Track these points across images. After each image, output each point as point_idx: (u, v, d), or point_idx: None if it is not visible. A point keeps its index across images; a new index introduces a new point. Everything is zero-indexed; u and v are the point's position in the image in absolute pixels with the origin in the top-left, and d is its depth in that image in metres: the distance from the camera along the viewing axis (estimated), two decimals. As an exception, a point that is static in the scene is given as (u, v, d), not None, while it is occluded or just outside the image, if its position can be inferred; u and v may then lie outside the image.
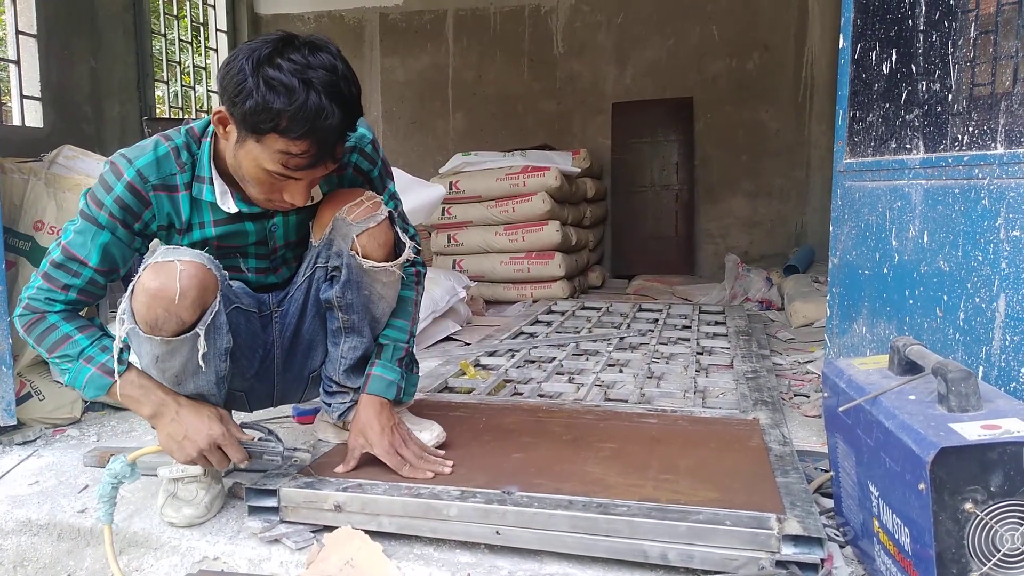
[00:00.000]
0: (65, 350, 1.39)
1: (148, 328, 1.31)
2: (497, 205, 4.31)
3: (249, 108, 1.21)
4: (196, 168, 1.40)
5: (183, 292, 1.28)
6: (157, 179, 1.38)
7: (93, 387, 1.39)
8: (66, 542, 1.49)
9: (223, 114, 1.28)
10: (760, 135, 5.66)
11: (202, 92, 6.22)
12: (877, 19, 1.72)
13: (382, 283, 1.50)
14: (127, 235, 1.40)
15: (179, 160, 1.39)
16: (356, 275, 1.47)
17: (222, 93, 1.27)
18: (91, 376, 1.38)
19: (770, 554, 1.17)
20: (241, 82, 1.21)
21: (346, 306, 1.50)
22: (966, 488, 0.95)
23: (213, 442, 1.38)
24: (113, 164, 1.39)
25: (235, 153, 1.31)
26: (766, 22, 5.54)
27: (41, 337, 1.40)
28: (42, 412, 2.09)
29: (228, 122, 1.29)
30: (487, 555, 1.31)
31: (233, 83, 1.23)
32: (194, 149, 1.41)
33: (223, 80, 1.25)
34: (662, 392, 2.17)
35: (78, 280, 1.39)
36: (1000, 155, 1.29)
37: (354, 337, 1.55)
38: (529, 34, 6.04)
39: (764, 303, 4.00)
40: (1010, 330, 1.26)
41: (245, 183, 1.35)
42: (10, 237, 2.21)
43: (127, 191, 1.37)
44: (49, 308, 1.39)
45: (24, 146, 3.89)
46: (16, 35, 4.27)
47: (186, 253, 1.33)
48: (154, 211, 1.40)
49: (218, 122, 1.31)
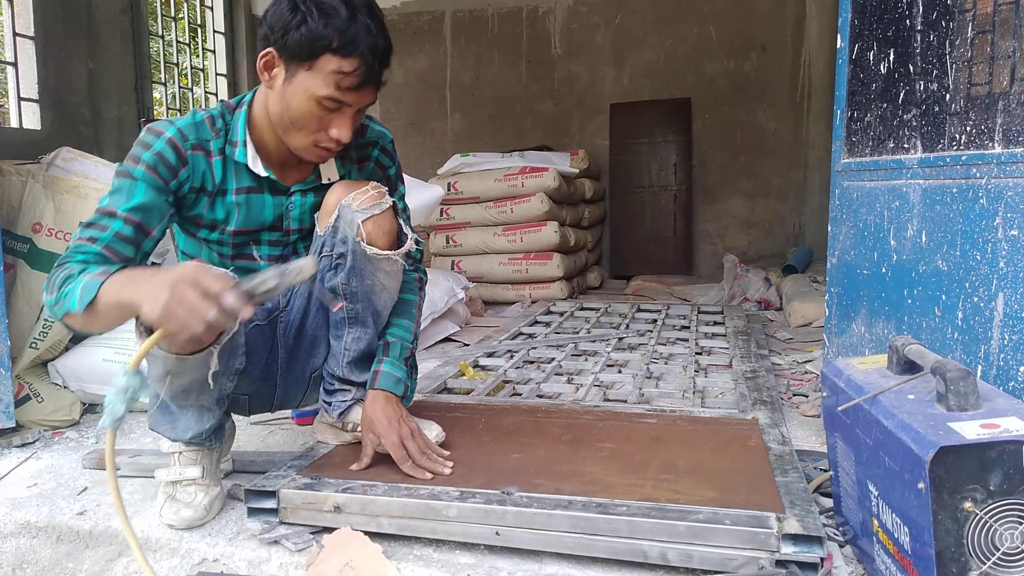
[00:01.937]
0: (68, 280, 1.28)
1: (165, 345, 1.30)
2: (495, 206, 4.32)
3: (302, 33, 1.27)
4: (230, 134, 1.45)
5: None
6: (195, 139, 1.42)
7: (88, 291, 1.22)
8: (65, 544, 1.49)
9: (270, 56, 1.33)
10: (758, 135, 5.66)
11: (200, 94, 6.22)
12: (875, 19, 1.72)
13: (385, 272, 1.51)
14: (161, 193, 1.38)
15: (214, 127, 1.44)
16: (360, 262, 1.48)
17: (269, 35, 1.32)
18: (86, 283, 1.23)
19: (770, 553, 1.17)
20: (291, 12, 1.28)
21: (350, 295, 1.50)
22: (965, 487, 0.95)
23: (194, 279, 1.13)
24: (151, 127, 1.41)
25: (283, 95, 1.35)
26: (763, 23, 5.55)
27: (54, 284, 1.29)
28: (41, 414, 2.09)
29: (275, 64, 1.34)
30: (487, 556, 1.31)
31: (282, 19, 1.29)
32: (228, 118, 1.46)
33: (270, 21, 1.31)
34: (661, 392, 2.17)
35: (105, 233, 1.33)
36: (998, 154, 1.29)
37: (357, 328, 1.55)
38: (527, 35, 6.05)
39: (762, 303, 4.00)
40: (1008, 329, 1.26)
41: (291, 131, 1.38)
42: (8, 239, 2.21)
43: (167, 146, 1.38)
44: (72, 258, 1.32)
45: (22, 148, 3.88)
46: (13, 37, 4.26)
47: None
48: (190, 171, 1.42)
49: (264, 67, 1.35)
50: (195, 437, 1.47)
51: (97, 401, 2.24)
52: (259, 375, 1.60)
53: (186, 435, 1.47)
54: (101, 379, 2.19)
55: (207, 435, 1.49)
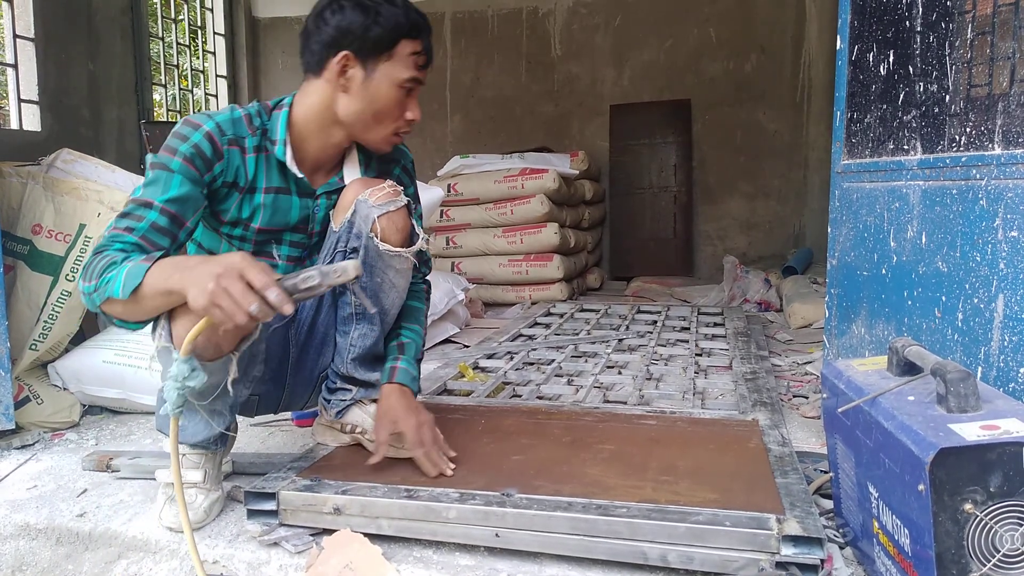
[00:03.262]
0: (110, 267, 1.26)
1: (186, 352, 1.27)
2: (495, 207, 4.32)
3: (381, 26, 1.39)
4: (268, 133, 1.48)
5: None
6: (232, 134, 1.44)
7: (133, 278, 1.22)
8: (64, 546, 1.49)
9: (347, 59, 1.41)
10: (758, 136, 5.66)
11: (200, 95, 6.22)
12: (874, 20, 1.72)
13: (395, 270, 1.52)
14: (196, 185, 1.39)
15: (251, 125, 1.46)
16: (373, 258, 1.49)
17: (340, 40, 1.40)
18: (130, 269, 1.23)
19: (770, 555, 1.17)
20: (363, 13, 1.39)
21: (361, 289, 1.51)
22: (965, 489, 0.95)
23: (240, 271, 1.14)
24: (188, 120, 1.41)
25: (364, 91, 1.43)
26: (763, 24, 5.55)
27: (94, 272, 1.27)
28: (40, 416, 2.09)
29: (351, 65, 1.42)
30: (487, 557, 1.31)
31: (355, 21, 1.39)
32: (265, 118, 1.49)
33: (341, 27, 1.40)
34: (661, 394, 2.17)
35: (142, 224, 1.33)
36: (997, 156, 1.29)
37: (364, 324, 1.56)
38: (527, 36, 6.05)
39: (762, 304, 4.00)
40: (1008, 330, 1.26)
41: (373, 126, 1.47)
42: (8, 241, 2.21)
43: (205, 139, 1.39)
44: (110, 247, 1.30)
45: (22, 150, 3.88)
46: (14, 39, 4.26)
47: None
48: (225, 165, 1.43)
49: (341, 71, 1.42)
50: (203, 442, 1.47)
51: (97, 403, 2.24)
52: (271, 376, 1.60)
53: (194, 439, 1.46)
54: (101, 381, 2.19)
55: (214, 439, 1.49)
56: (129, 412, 2.25)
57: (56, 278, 2.22)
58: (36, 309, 2.21)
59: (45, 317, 2.21)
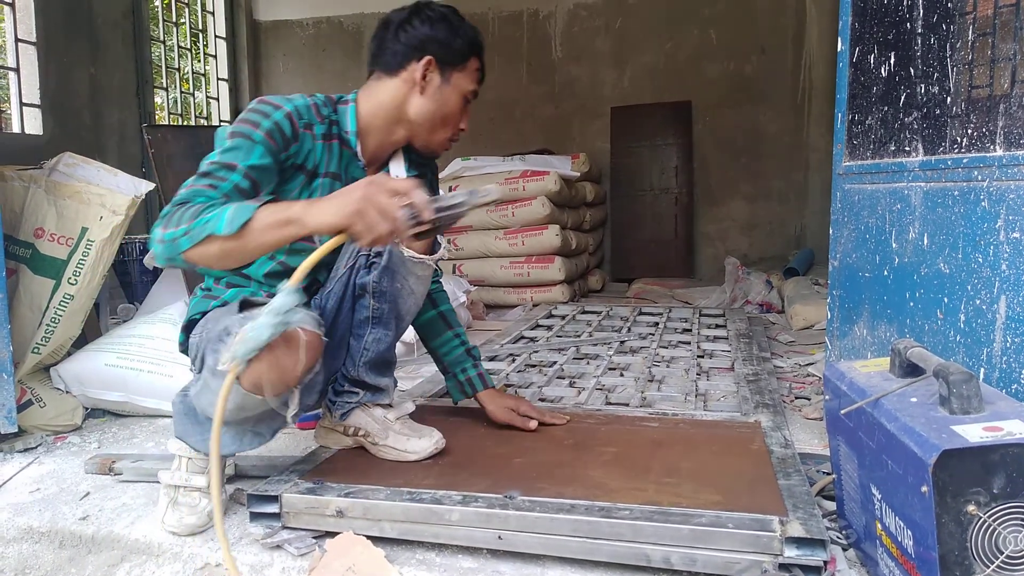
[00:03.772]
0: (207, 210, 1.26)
1: (251, 387, 1.27)
2: (497, 209, 4.32)
3: (462, 41, 1.55)
4: (338, 125, 1.55)
5: (305, 365, 1.29)
6: (307, 120, 1.49)
7: (242, 213, 1.22)
8: (67, 550, 1.49)
9: (432, 63, 1.52)
10: (759, 138, 5.66)
11: (201, 98, 6.23)
12: (875, 22, 1.72)
13: (416, 276, 1.55)
14: (274, 160, 1.41)
15: (319, 114, 1.52)
16: (395, 263, 1.51)
17: (431, 44, 1.52)
18: (237, 207, 1.23)
19: (773, 557, 1.17)
20: (449, 28, 1.54)
21: (379, 293, 1.53)
22: (969, 490, 0.95)
23: (382, 183, 1.20)
24: (266, 100, 1.44)
25: (438, 96, 1.55)
26: (764, 25, 5.55)
27: (182, 217, 1.25)
28: (43, 419, 2.09)
29: (432, 69, 1.53)
30: (489, 560, 1.31)
31: (442, 34, 1.53)
32: (330, 109, 1.55)
33: (428, 36, 1.52)
34: (663, 396, 2.17)
35: (225, 184, 1.33)
36: (999, 157, 1.29)
37: (380, 329, 1.57)
38: (527, 39, 6.05)
39: (764, 306, 4.00)
40: (1011, 332, 1.26)
41: (438, 128, 1.58)
42: (10, 244, 2.21)
43: (286, 119, 1.43)
44: (194, 200, 1.30)
45: (24, 153, 3.89)
46: (15, 43, 4.27)
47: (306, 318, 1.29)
48: (299, 147, 1.47)
49: (423, 75, 1.53)
50: (228, 456, 1.46)
51: (99, 406, 2.24)
52: None
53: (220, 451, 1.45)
54: (103, 384, 2.20)
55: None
56: (131, 415, 2.25)
57: (58, 282, 2.22)
58: (38, 312, 2.21)
59: (47, 320, 2.21)
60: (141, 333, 2.29)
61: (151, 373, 2.19)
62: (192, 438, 1.47)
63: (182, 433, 1.48)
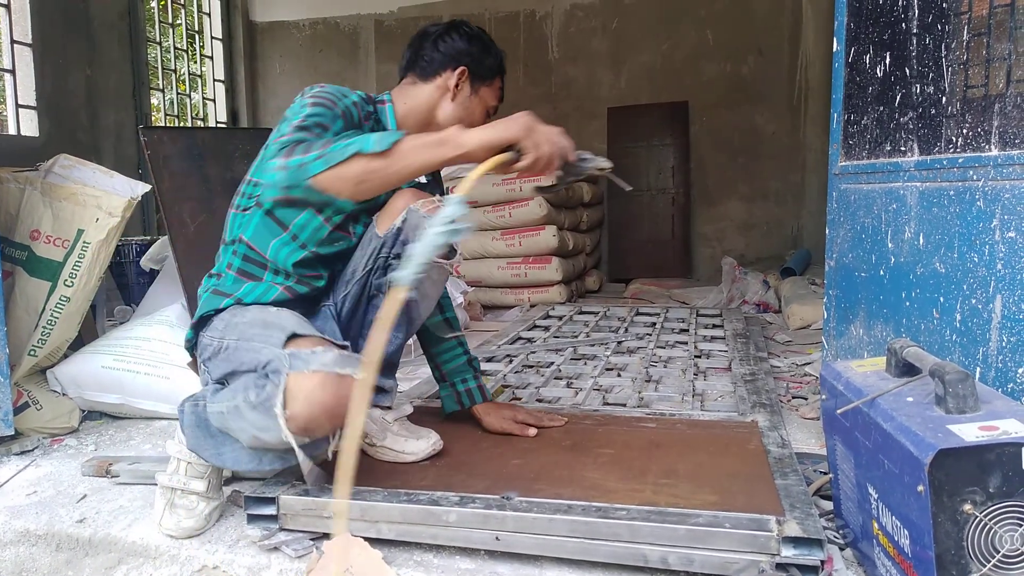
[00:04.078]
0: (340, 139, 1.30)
1: (298, 431, 1.26)
2: (494, 210, 4.32)
3: (493, 59, 1.68)
4: (379, 122, 1.62)
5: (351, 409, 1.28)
6: (363, 112, 1.55)
7: (387, 136, 1.28)
8: (64, 552, 1.49)
9: (465, 73, 1.63)
10: (755, 138, 5.67)
11: (198, 100, 6.22)
12: (871, 23, 1.73)
13: (432, 280, 1.56)
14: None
15: (364, 109, 1.57)
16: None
17: (465, 57, 1.63)
18: (380, 134, 1.29)
19: (770, 556, 1.17)
20: (483, 46, 1.66)
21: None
22: (965, 489, 0.95)
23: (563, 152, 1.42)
24: (327, 87, 1.48)
25: (466, 105, 1.65)
26: (760, 26, 5.56)
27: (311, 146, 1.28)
28: (40, 422, 2.09)
29: (464, 80, 1.63)
30: (487, 561, 1.31)
31: (477, 50, 1.65)
32: (371, 107, 1.60)
33: (464, 50, 1.63)
34: (660, 396, 2.17)
35: (327, 134, 1.38)
36: (994, 157, 1.29)
37: (390, 331, 1.55)
38: (524, 39, 6.06)
39: (761, 306, 4.01)
40: (1007, 331, 1.26)
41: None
42: (6, 247, 2.21)
43: (353, 106, 1.50)
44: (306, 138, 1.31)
45: (20, 155, 3.88)
46: (11, 44, 4.27)
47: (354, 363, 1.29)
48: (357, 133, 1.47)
49: (456, 83, 1.63)
50: (243, 473, 1.44)
51: (96, 408, 2.24)
52: None
53: (233, 468, 1.44)
54: (100, 386, 2.19)
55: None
56: (128, 417, 2.25)
57: (55, 283, 2.22)
58: (35, 315, 2.21)
59: (44, 323, 2.21)
60: (138, 335, 2.29)
61: (148, 375, 2.18)
62: (206, 451, 1.43)
63: (195, 446, 1.43)
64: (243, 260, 1.54)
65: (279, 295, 1.51)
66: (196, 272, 2.46)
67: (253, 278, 1.53)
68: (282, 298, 1.51)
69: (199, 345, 1.51)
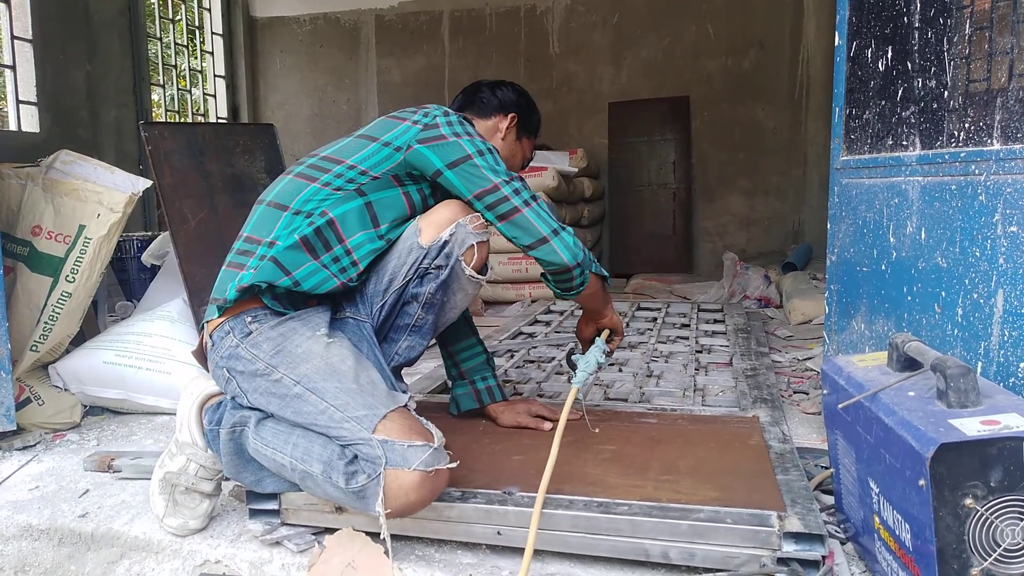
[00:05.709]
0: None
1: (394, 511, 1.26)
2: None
3: (537, 118, 1.89)
4: None
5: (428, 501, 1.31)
6: None
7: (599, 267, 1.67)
8: (67, 547, 1.49)
9: (515, 119, 1.81)
10: (757, 133, 5.66)
11: (198, 95, 6.22)
12: (872, 16, 1.72)
13: (464, 293, 1.55)
14: None
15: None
16: (453, 279, 1.51)
17: (517, 107, 1.82)
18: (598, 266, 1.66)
19: (771, 551, 1.17)
20: (529, 103, 1.87)
21: (429, 305, 1.53)
22: (966, 484, 0.95)
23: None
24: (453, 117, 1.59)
25: (511, 148, 1.83)
26: (762, 20, 5.55)
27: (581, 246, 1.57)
28: (42, 417, 2.09)
29: (512, 125, 1.81)
30: (489, 555, 1.31)
31: (526, 106, 1.85)
32: None
33: (519, 103, 1.83)
34: (661, 391, 2.17)
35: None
36: (996, 151, 1.29)
37: (415, 337, 1.57)
38: (525, 34, 6.05)
39: (762, 301, 4.00)
40: (1008, 325, 1.26)
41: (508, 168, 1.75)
42: (8, 242, 2.21)
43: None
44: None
45: (21, 151, 3.89)
46: (11, 40, 4.26)
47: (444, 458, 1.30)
48: None
49: (508, 127, 1.81)
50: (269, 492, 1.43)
51: (98, 404, 2.24)
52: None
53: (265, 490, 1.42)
54: (102, 381, 2.20)
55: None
56: (130, 412, 2.25)
57: (56, 279, 2.22)
58: (36, 310, 2.21)
59: (45, 318, 2.21)
60: (139, 330, 2.29)
61: (149, 370, 2.19)
62: (246, 479, 1.40)
63: (234, 475, 1.40)
64: (315, 232, 1.46)
65: (334, 288, 1.46)
66: (197, 267, 2.46)
67: (312, 252, 1.46)
68: (335, 292, 1.48)
69: (230, 352, 1.41)
